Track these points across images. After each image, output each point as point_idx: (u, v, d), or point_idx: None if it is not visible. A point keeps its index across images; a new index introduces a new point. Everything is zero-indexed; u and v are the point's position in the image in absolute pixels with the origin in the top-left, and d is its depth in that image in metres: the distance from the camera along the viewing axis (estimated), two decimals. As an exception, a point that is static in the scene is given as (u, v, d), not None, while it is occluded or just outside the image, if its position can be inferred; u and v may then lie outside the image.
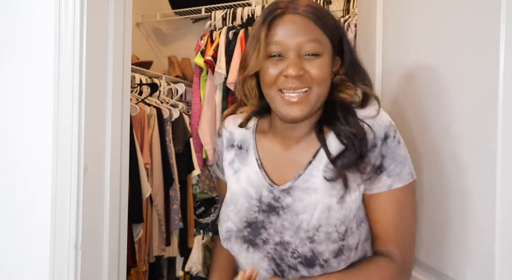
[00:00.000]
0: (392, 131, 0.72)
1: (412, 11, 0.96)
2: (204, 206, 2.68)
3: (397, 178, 0.71)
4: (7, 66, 0.86)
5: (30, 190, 0.84)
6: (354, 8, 2.19)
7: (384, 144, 0.71)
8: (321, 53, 0.72)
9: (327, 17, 0.73)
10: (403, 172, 0.71)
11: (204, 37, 2.46)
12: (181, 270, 2.48)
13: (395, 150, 0.71)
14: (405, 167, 0.71)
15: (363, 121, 0.72)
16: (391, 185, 0.71)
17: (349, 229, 0.71)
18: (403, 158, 0.72)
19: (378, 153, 0.71)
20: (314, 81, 0.71)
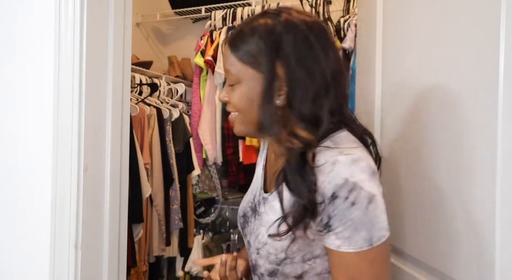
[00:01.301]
0: (344, 191, 0.62)
1: (412, 10, 0.96)
2: (204, 206, 2.68)
3: (347, 242, 0.64)
4: (7, 66, 0.86)
5: (30, 190, 0.84)
6: (354, 8, 2.19)
7: (331, 204, 0.63)
8: (235, 82, 0.72)
9: (245, 41, 0.69)
10: (354, 238, 0.63)
11: (204, 37, 2.46)
12: (181, 270, 2.48)
13: (344, 213, 0.63)
14: (359, 233, 0.63)
15: (309, 179, 0.64)
16: (339, 247, 0.65)
17: (289, 258, 0.70)
18: (356, 223, 0.63)
19: (325, 211, 0.64)
20: (234, 108, 0.74)
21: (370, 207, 0.63)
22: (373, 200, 0.63)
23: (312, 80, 0.67)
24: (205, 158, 2.49)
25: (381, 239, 0.64)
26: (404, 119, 0.98)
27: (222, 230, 2.64)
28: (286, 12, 0.69)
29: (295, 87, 0.67)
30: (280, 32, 0.67)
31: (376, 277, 0.66)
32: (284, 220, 0.68)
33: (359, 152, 0.66)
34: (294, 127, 0.67)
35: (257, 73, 0.69)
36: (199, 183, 2.60)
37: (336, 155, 0.65)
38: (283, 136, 0.67)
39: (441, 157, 0.83)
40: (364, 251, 0.63)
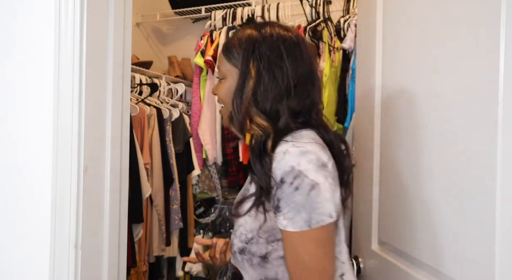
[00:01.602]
0: (290, 177, 0.73)
1: (412, 10, 0.96)
2: (204, 206, 2.68)
3: (291, 222, 0.74)
4: (7, 66, 0.86)
5: (30, 190, 0.84)
6: (354, 8, 2.19)
7: (279, 188, 0.75)
8: (222, 77, 0.88)
9: (232, 46, 0.85)
10: (296, 219, 0.73)
11: (204, 37, 2.46)
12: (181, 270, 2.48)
13: (289, 196, 0.74)
14: (299, 214, 0.73)
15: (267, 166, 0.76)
16: (286, 226, 0.75)
17: (255, 239, 0.81)
18: (298, 205, 0.73)
19: (275, 194, 0.75)
20: (220, 100, 0.89)
21: (311, 193, 0.73)
22: (316, 188, 0.73)
23: (275, 82, 0.80)
24: (205, 158, 2.49)
25: (320, 222, 0.73)
26: (404, 118, 0.98)
27: (222, 230, 2.64)
28: (270, 25, 0.85)
29: (260, 85, 0.80)
30: (258, 40, 0.82)
31: (316, 256, 0.76)
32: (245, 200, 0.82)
33: (310, 146, 0.77)
34: (255, 117, 0.80)
35: (236, 70, 0.84)
36: (199, 183, 2.60)
37: (289, 147, 0.76)
38: (246, 124, 0.82)
39: (441, 156, 0.83)
40: (304, 231, 0.73)
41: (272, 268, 0.82)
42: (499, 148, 0.67)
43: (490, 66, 0.69)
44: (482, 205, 0.72)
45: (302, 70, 0.82)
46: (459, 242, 0.78)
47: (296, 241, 0.75)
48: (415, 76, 0.94)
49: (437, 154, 0.85)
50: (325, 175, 0.75)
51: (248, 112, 0.81)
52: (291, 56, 0.81)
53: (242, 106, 0.82)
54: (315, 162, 0.75)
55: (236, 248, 0.86)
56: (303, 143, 0.77)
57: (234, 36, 0.87)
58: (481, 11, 0.72)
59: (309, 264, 0.76)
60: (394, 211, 1.02)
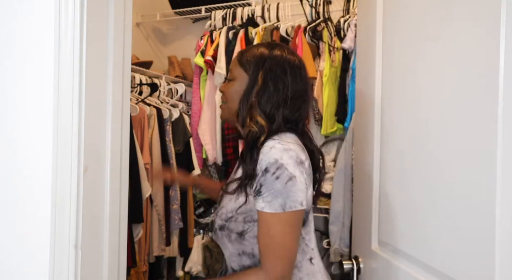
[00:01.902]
0: (273, 168, 0.90)
1: (412, 10, 0.96)
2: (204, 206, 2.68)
3: (268, 205, 0.90)
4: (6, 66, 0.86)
5: (30, 190, 0.84)
6: (354, 8, 2.20)
7: (263, 175, 0.91)
8: (232, 78, 1.04)
9: (248, 56, 1.03)
10: (273, 202, 0.90)
11: (204, 37, 2.47)
12: (181, 270, 2.48)
13: (270, 183, 0.90)
14: (276, 199, 0.89)
15: (256, 156, 0.93)
16: (263, 208, 0.91)
17: (234, 217, 0.98)
18: (277, 192, 0.89)
19: (258, 180, 0.92)
20: (225, 98, 1.06)
21: (288, 183, 0.90)
22: (293, 179, 0.90)
23: (277, 92, 0.98)
24: (205, 158, 2.49)
25: (292, 208, 0.90)
26: (404, 118, 0.98)
27: (222, 230, 2.63)
28: (280, 47, 1.04)
29: (265, 92, 0.98)
30: (269, 57, 1.00)
31: (284, 236, 0.91)
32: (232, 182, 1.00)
33: (292, 146, 0.94)
34: (256, 116, 0.98)
35: (246, 75, 1.01)
36: (199, 183, 2.60)
37: (275, 143, 0.93)
38: (247, 121, 0.99)
39: (441, 156, 0.83)
40: (278, 213, 0.90)
41: (249, 245, 0.98)
42: (499, 148, 0.67)
43: (490, 66, 0.69)
44: (482, 205, 0.72)
45: (298, 88, 1.00)
46: (459, 241, 0.78)
47: (271, 221, 0.91)
48: (415, 76, 0.94)
49: (437, 153, 0.85)
50: (301, 171, 0.92)
51: (251, 112, 0.98)
52: (293, 74, 0.99)
53: (247, 106, 0.99)
54: (294, 158, 0.91)
55: (217, 225, 1.02)
56: (287, 142, 0.94)
57: (249, 49, 1.06)
58: (481, 11, 0.72)
59: (278, 241, 0.91)
60: (394, 211, 1.02)
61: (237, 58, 1.05)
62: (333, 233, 2.08)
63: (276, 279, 0.91)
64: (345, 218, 2.04)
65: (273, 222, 0.90)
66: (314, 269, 1.02)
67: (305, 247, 1.01)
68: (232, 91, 1.03)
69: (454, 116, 0.79)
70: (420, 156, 0.91)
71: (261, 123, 0.96)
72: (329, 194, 2.16)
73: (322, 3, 2.25)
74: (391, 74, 1.05)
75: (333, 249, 2.08)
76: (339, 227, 2.06)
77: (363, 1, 1.24)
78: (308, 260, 1.02)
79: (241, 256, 1.01)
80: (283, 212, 0.89)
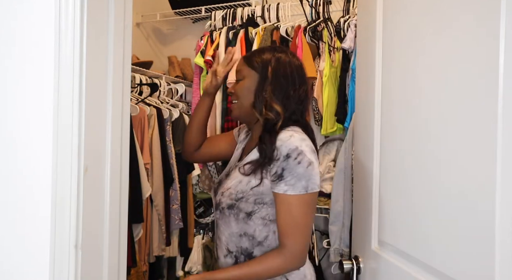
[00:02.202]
0: (294, 154, 1.00)
1: (412, 10, 0.96)
2: (204, 206, 2.68)
3: (292, 187, 1.00)
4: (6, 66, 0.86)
5: (30, 190, 0.84)
6: (354, 8, 2.20)
7: (285, 161, 1.00)
8: (241, 78, 1.16)
9: (255, 57, 1.15)
10: (297, 185, 0.99)
11: (204, 37, 2.47)
12: (181, 270, 2.48)
13: (293, 168, 0.99)
14: (300, 182, 0.99)
15: (275, 142, 1.03)
16: (286, 191, 1.00)
17: (245, 198, 1.07)
18: (300, 175, 0.99)
19: (280, 165, 1.01)
20: (236, 97, 1.17)
21: (309, 168, 1.01)
22: (311, 164, 1.01)
23: (286, 84, 1.12)
24: (205, 158, 2.49)
25: (313, 189, 1.01)
26: (404, 118, 0.98)
27: (222, 230, 2.63)
28: (282, 50, 1.18)
29: (277, 83, 1.11)
30: (274, 56, 1.14)
31: (305, 215, 1.01)
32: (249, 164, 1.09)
33: (306, 138, 1.07)
34: (272, 104, 1.09)
35: (255, 73, 1.13)
36: (199, 183, 2.60)
37: (293, 133, 1.05)
38: (263, 111, 1.10)
39: (441, 155, 0.83)
40: (301, 195, 1.00)
41: (252, 225, 1.08)
42: (499, 147, 0.67)
43: (489, 66, 0.69)
44: (482, 205, 0.72)
45: (301, 81, 1.14)
46: (459, 241, 0.78)
47: (294, 202, 1.00)
48: (415, 76, 0.94)
49: (437, 153, 0.85)
50: (315, 158, 1.05)
51: (266, 102, 1.10)
52: (296, 70, 1.14)
53: (262, 98, 1.11)
54: (310, 147, 1.04)
55: (225, 204, 1.11)
56: (300, 133, 1.07)
57: (254, 52, 1.19)
58: (481, 11, 0.72)
59: (301, 221, 1.01)
60: (394, 211, 1.02)
61: (243, 60, 1.18)
62: (333, 233, 2.08)
63: (300, 253, 1.02)
64: (345, 218, 2.04)
65: (295, 203, 1.00)
66: None
67: None
68: (243, 88, 1.14)
69: (454, 116, 0.79)
70: (420, 156, 0.91)
71: (277, 109, 1.08)
72: (329, 194, 2.16)
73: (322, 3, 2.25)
74: (391, 74, 1.05)
75: (333, 249, 2.08)
76: (339, 227, 2.06)
77: (363, 1, 1.24)
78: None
79: (242, 237, 1.10)
80: (306, 194, 1.00)
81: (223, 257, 1.16)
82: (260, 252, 1.09)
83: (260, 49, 1.20)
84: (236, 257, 1.12)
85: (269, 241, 1.09)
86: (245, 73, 1.15)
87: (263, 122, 1.10)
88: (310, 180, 1.00)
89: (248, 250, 1.10)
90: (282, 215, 1.02)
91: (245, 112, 1.15)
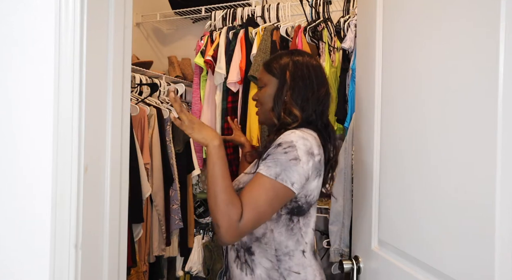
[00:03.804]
0: (285, 145, 1.01)
1: (412, 11, 0.96)
2: (204, 206, 2.68)
3: (266, 168, 1.00)
4: (6, 66, 0.86)
5: (30, 190, 0.84)
6: (354, 8, 2.20)
7: (274, 148, 1.02)
8: (263, 85, 1.20)
9: (273, 63, 1.18)
10: (271, 169, 0.99)
11: (204, 37, 2.47)
12: (181, 270, 2.48)
13: (277, 154, 1.01)
14: (275, 167, 0.99)
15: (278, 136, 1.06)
16: (260, 170, 1.01)
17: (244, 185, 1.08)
18: (278, 162, 0.99)
19: (269, 151, 1.03)
20: (259, 103, 1.21)
21: (292, 161, 1.00)
22: (297, 160, 1.00)
23: (304, 87, 1.13)
24: (205, 158, 2.49)
25: (283, 181, 0.99)
26: (404, 118, 0.98)
27: (222, 230, 2.63)
28: (299, 53, 1.20)
29: (295, 88, 1.13)
30: (292, 60, 1.16)
31: (264, 198, 0.98)
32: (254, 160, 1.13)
33: (310, 138, 1.05)
34: (291, 108, 1.11)
35: (275, 79, 1.17)
36: (199, 183, 2.60)
37: (296, 131, 1.06)
38: (281, 115, 1.12)
39: (441, 155, 0.83)
40: (269, 178, 0.99)
41: (259, 229, 1.08)
42: (499, 147, 0.67)
43: (489, 66, 0.69)
44: (482, 205, 0.72)
45: (320, 82, 1.15)
46: (459, 241, 0.78)
47: (259, 181, 0.99)
48: (415, 76, 0.94)
49: (438, 153, 0.85)
50: (308, 159, 1.01)
51: (284, 106, 1.12)
52: (315, 72, 1.15)
53: (281, 103, 1.13)
54: (307, 147, 1.02)
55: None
56: (306, 134, 1.05)
57: (273, 58, 1.21)
58: (481, 11, 0.72)
59: (260, 203, 0.98)
60: (394, 211, 1.02)
61: (263, 68, 1.21)
62: (333, 233, 2.08)
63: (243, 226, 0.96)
64: (345, 218, 2.04)
65: (260, 183, 0.99)
66: (305, 262, 1.10)
67: (300, 238, 1.10)
68: (265, 95, 1.18)
69: (454, 116, 0.79)
70: (420, 156, 0.91)
71: (295, 113, 1.10)
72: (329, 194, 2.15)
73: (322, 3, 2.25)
74: (391, 74, 1.05)
75: (333, 249, 2.08)
76: (339, 227, 2.06)
77: (363, 1, 1.24)
78: (300, 251, 1.10)
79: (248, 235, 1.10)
80: (274, 180, 0.98)
81: (229, 249, 1.19)
82: (259, 248, 1.09)
83: (278, 54, 1.22)
84: (237, 250, 1.14)
85: (267, 239, 1.09)
86: (266, 80, 1.19)
87: (278, 125, 1.12)
88: (285, 171, 0.98)
89: (247, 244, 1.11)
90: (247, 188, 1.00)
91: (268, 117, 1.18)
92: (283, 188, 0.99)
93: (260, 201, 0.98)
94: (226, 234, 0.95)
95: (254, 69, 2.14)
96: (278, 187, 0.99)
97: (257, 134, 2.20)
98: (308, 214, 1.10)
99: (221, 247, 2.46)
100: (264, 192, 0.98)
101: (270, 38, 2.23)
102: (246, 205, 0.97)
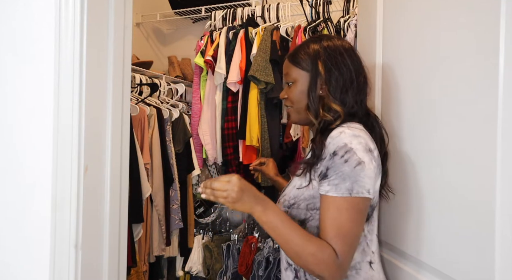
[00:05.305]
0: (342, 151, 0.87)
1: (412, 11, 0.96)
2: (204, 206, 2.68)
3: (334, 188, 0.86)
4: (7, 66, 0.86)
5: (30, 190, 0.84)
6: (354, 8, 2.19)
7: (331, 159, 0.88)
8: (291, 81, 1.03)
9: (300, 54, 1.01)
10: (340, 186, 0.85)
11: (204, 37, 2.46)
12: (181, 270, 2.48)
13: (338, 166, 0.86)
14: (344, 182, 0.85)
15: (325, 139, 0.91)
16: (328, 192, 0.87)
17: (296, 204, 0.96)
18: (345, 175, 0.86)
19: (325, 164, 0.89)
20: (290, 102, 1.04)
21: (357, 168, 0.86)
22: (361, 164, 0.86)
23: (342, 75, 0.96)
24: (205, 158, 2.49)
25: (359, 193, 0.85)
26: (404, 118, 0.98)
27: (222, 230, 2.64)
28: (327, 37, 1.03)
29: (331, 79, 0.96)
30: (322, 47, 0.99)
31: (349, 222, 0.85)
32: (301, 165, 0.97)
33: (362, 133, 0.90)
34: (329, 103, 0.96)
35: (305, 72, 1.00)
36: (199, 183, 2.60)
37: (345, 129, 0.90)
38: (320, 112, 0.97)
39: (441, 156, 0.83)
40: (344, 197, 0.85)
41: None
42: (499, 147, 0.67)
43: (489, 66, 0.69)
44: (482, 205, 0.72)
45: (358, 67, 0.99)
46: (459, 242, 0.78)
47: (335, 204, 0.86)
48: (415, 77, 0.94)
49: (437, 153, 0.85)
50: (370, 158, 0.88)
51: (322, 102, 0.97)
52: (349, 55, 0.98)
53: (317, 98, 0.98)
54: (364, 145, 0.88)
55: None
56: (356, 129, 0.91)
57: (298, 49, 1.04)
58: (481, 11, 0.72)
59: (345, 229, 0.85)
60: (394, 211, 1.02)
61: (289, 61, 1.04)
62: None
63: (342, 262, 0.84)
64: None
65: (340, 206, 0.85)
66: (373, 275, 0.94)
67: (365, 247, 0.94)
68: (296, 93, 1.02)
69: (454, 116, 0.80)
70: (420, 156, 0.91)
71: (335, 109, 0.95)
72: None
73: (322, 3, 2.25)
74: (391, 74, 1.05)
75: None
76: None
77: (363, 1, 1.24)
78: (367, 262, 0.94)
79: None
80: (350, 197, 0.85)
81: (284, 270, 1.03)
82: None
83: (304, 43, 1.04)
84: (296, 270, 0.98)
85: None
86: (294, 75, 1.02)
87: (317, 125, 0.97)
88: (357, 182, 0.85)
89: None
90: (324, 217, 0.87)
91: (303, 117, 1.03)
92: (362, 200, 0.86)
93: (345, 227, 0.84)
94: (333, 279, 0.84)
95: (254, 69, 2.14)
96: (357, 202, 0.85)
97: (257, 134, 2.19)
98: (372, 218, 0.95)
99: (221, 247, 2.47)
100: (345, 215, 0.85)
101: (270, 38, 2.23)
102: (332, 238, 0.84)
